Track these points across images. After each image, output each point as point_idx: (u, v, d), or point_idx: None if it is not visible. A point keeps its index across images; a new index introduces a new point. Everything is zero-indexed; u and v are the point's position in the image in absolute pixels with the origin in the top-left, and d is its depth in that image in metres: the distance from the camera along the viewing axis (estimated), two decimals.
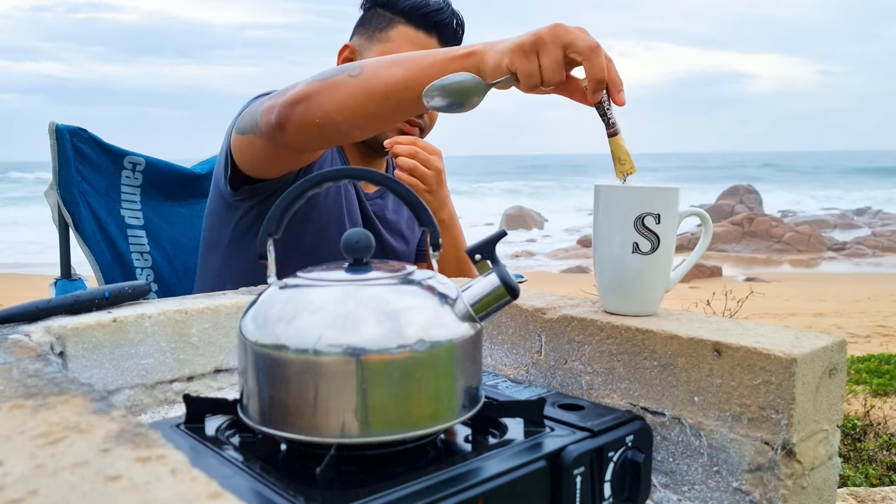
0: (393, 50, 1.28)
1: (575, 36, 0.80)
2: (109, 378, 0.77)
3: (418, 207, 0.60)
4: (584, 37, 0.80)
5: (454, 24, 1.31)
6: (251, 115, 1.08)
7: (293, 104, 0.98)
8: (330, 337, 0.53)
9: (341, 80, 0.96)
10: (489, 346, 0.87)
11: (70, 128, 1.33)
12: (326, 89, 0.96)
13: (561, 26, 0.81)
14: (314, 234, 1.24)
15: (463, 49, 0.89)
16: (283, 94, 1.01)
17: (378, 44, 1.30)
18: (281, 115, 0.99)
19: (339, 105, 0.95)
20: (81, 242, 1.35)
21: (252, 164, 1.14)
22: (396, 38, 1.29)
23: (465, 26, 1.34)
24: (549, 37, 0.81)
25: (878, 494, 1.56)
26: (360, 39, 1.34)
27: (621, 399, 0.73)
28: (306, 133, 1.00)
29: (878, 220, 18.53)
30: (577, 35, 0.80)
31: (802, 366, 0.61)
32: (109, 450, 0.39)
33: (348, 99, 0.95)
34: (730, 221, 15.36)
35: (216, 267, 1.28)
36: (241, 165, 1.15)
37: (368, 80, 0.94)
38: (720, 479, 0.66)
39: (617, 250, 0.76)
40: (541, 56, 0.81)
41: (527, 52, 0.81)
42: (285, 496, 0.50)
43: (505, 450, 0.58)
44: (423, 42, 1.29)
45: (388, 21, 1.30)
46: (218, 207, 1.27)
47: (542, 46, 0.81)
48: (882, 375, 3.14)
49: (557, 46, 0.80)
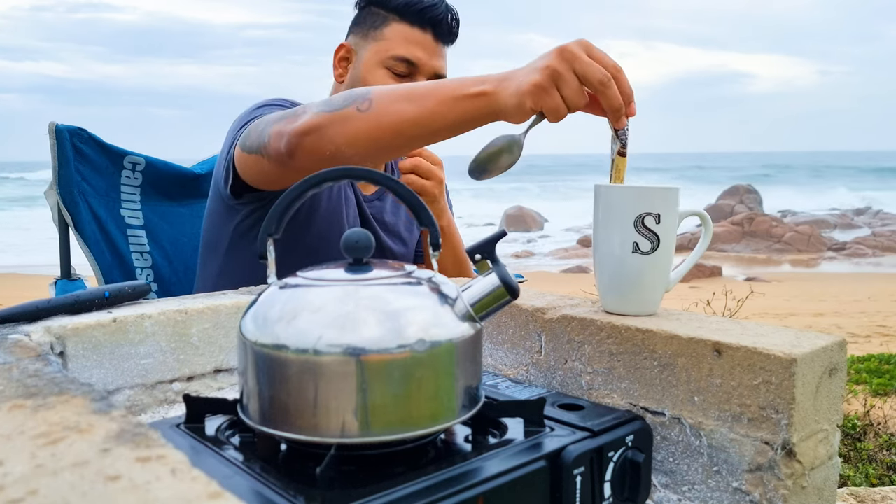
0: (389, 48, 1.28)
1: (585, 65, 0.80)
2: (109, 378, 0.77)
3: (418, 208, 0.60)
4: (593, 66, 0.81)
5: (449, 19, 1.31)
6: (258, 136, 1.06)
7: (302, 134, 0.97)
8: (330, 337, 0.53)
9: (350, 113, 0.95)
10: (489, 346, 0.87)
11: (70, 128, 1.33)
12: (336, 122, 0.95)
13: (567, 51, 0.81)
14: (315, 235, 1.24)
15: (473, 87, 0.88)
16: (293, 120, 1.00)
17: (373, 42, 1.30)
18: (290, 144, 0.99)
19: (349, 139, 0.95)
20: (81, 242, 1.35)
21: (258, 180, 1.14)
22: (391, 35, 1.29)
23: (460, 21, 1.33)
24: (562, 67, 0.81)
25: (878, 494, 1.56)
26: (355, 38, 1.34)
27: (621, 399, 0.73)
28: (317, 163, 0.99)
29: (878, 220, 18.53)
30: (586, 64, 0.81)
31: (802, 366, 0.61)
32: (109, 450, 0.39)
33: (358, 133, 0.94)
34: (730, 221, 15.37)
35: (216, 269, 1.28)
36: (246, 178, 1.15)
37: (378, 116, 0.93)
38: (720, 479, 0.66)
39: (617, 250, 0.76)
40: (561, 89, 0.82)
41: (546, 89, 0.82)
42: (285, 496, 0.50)
43: (505, 450, 0.58)
44: (419, 39, 1.28)
45: (383, 19, 1.30)
46: (218, 209, 1.27)
47: (559, 79, 0.82)
48: (882, 375, 3.14)
49: (572, 75, 0.81)
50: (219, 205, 1.26)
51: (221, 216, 1.26)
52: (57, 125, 1.32)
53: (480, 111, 0.88)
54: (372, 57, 1.30)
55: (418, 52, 1.28)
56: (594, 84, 0.81)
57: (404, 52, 1.28)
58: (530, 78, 0.82)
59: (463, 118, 0.89)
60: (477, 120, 0.90)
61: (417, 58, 1.28)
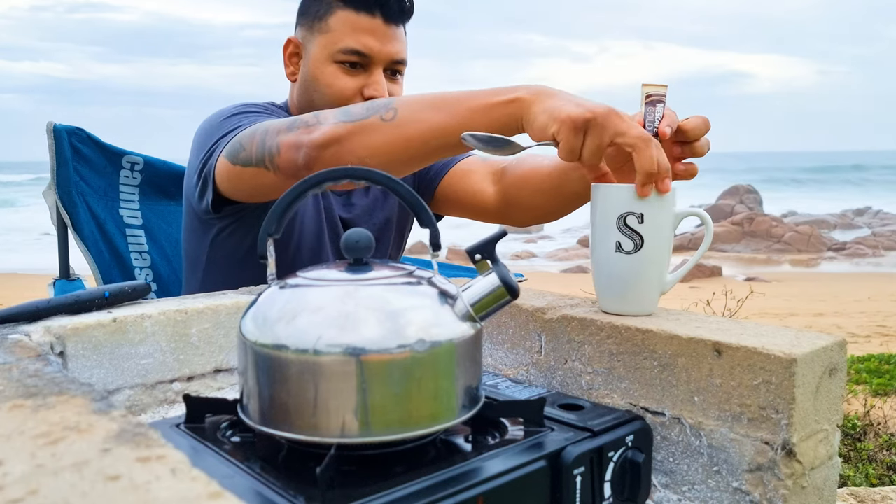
0: (336, 40, 1.18)
1: (628, 126, 0.76)
2: (109, 378, 0.77)
3: (418, 208, 0.60)
4: (637, 128, 0.76)
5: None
6: (259, 147, 0.99)
7: (322, 147, 0.92)
8: (330, 337, 0.53)
9: (373, 123, 0.90)
10: (489, 346, 0.87)
11: (68, 128, 1.33)
12: (358, 133, 0.91)
13: (615, 113, 0.77)
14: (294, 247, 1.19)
15: (507, 94, 0.84)
16: (308, 130, 0.94)
17: (319, 35, 1.20)
18: (310, 157, 0.93)
19: (374, 151, 0.90)
20: (80, 242, 1.35)
21: (250, 193, 1.07)
22: (337, 25, 1.18)
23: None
24: (602, 119, 0.77)
25: (878, 494, 1.56)
26: (302, 31, 1.24)
27: (621, 399, 0.73)
28: None
29: (878, 220, 18.54)
30: (629, 125, 0.76)
31: (802, 366, 0.61)
32: (109, 450, 0.39)
33: (384, 145, 0.90)
34: (730, 221, 15.37)
35: (197, 285, 1.23)
36: (230, 191, 1.07)
37: (404, 126, 0.89)
38: (720, 479, 0.66)
39: (602, 250, 0.77)
40: (588, 136, 0.77)
41: (577, 129, 0.77)
42: (285, 496, 0.50)
43: (505, 450, 0.58)
44: (367, 24, 1.18)
45: (326, 7, 1.19)
46: (193, 225, 1.21)
47: (593, 127, 0.77)
48: (882, 375, 3.14)
49: (607, 132, 0.77)
50: (193, 221, 1.21)
51: (197, 232, 1.21)
52: (55, 125, 1.32)
53: (511, 117, 0.84)
54: (320, 52, 1.20)
55: (369, 41, 1.18)
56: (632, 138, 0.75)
57: (353, 42, 1.17)
58: (569, 108, 0.78)
59: (492, 126, 0.85)
60: (506, 128, 0.85)
61: (369, 47, 1.18)
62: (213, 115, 1.16)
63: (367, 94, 1.18)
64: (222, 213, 1.14)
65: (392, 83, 1.23)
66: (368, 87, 1.19)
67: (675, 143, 0.86)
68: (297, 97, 1.26)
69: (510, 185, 1.22)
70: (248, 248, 1.17)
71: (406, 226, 1.40)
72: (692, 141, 0.85)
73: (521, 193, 1.19)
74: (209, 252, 1.20)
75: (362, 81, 1.19)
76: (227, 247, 1.18)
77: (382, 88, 1.19)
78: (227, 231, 1.17)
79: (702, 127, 0.85)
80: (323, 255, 1.24)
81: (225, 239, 1.18)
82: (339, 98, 1.18)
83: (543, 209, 1.18)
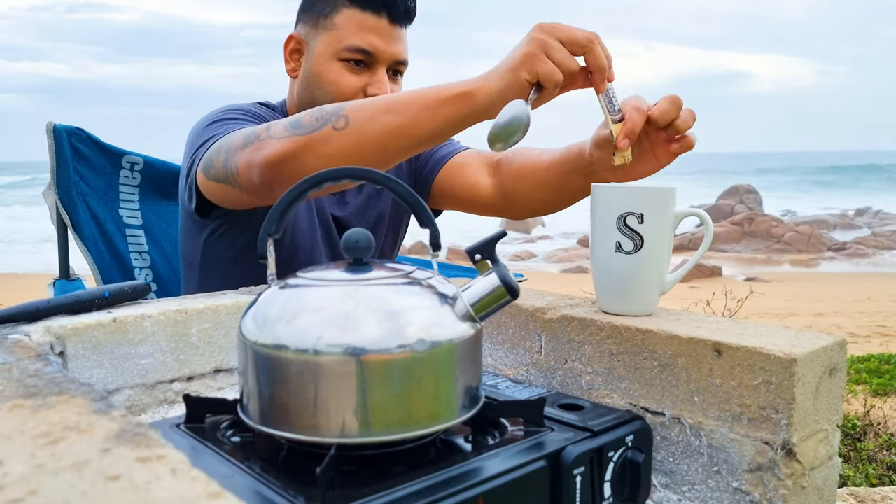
0: (342, 38, 1.18)
1: (566, 30, 0.82)
2: (109, 378, 0.77)
3: (418, 207, 0.60)
4: (575, 30, 0.82)
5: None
6: (223, 165, 0.99)
7: (275, 165, 0.91)
8: (330, 337, 0.53)
9: (326, 134, 0.89)
10: (489, 346, 0.87)
11: (68, 128, 1.33)
12: (312, 146, 0.89)
13: (545, 24, 0.82)
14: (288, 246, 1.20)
15: (455, 89, 0.86)
16: (259, 147, 0.92)
17: (324, 32, 1.20)
18: (265, 176, 0.92)
19: (331, 161, 0.88)
20: (80, 242, 1.35)
21: (230, 205, 1.08)
22: (343, 23, 1.18)
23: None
24: (545, 35, 0.82)
25: (878, 494, 1.56)
26: (304, 28, 1.24)
27: (621, 399, 0.73)
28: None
29: (878, 220, 18.54)
30: (567, 29, 0.82)
31: (802, 366, 0.61)
32: (109, 450, 0.39)
33: (340, 153, 0.89)
34: (730, 221, 15.37)
35: (195, 284, 1.24)
36: (213, 200, 1.08)
37: (359, 133, 0.88)
38: (720, 479, 0.66)
39: (602, 250, 0.77)
40: (550, 55, 0.82)
41: (537, 56, 0.82)
42: (285, 496, 0.50)
43: (505, 450, 0.58)
44: (373, 24, 1.18)
45: (332, 5, 1.19)
46: (188, 225, 1.22)
47: (546, 47, 0.82)
48: (882, 375, 3.14)
49: (557, 42, 0.82)
50: (187, 221, 1.21)
51: (191, 233, 1.21)
52: (55, 125, 1.32)
53: (465, 111, 0.86)
54: (325, 49, 1.20)
55: (374, 40, 1.18)
56: (580, 44, 0.82)
57: (359, 41, 1.18)
58: (519, 52, 0.83)
59: (447, 122, 0.87)
60: (463, 122, 0.87)
61: (374, 46, 1.18)
62: (201, 119, 1.16)
63: (370, 92, 1.19)
64: (211, 217, 1.15)
65: (393, 83, 1.24)
66: (372, 85, 1.19)
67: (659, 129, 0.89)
68: (298, 94, 1.26)
69: (508, 177, 1.22)
70: (240, 249, 1.18)
71: (401, 223, 1.40)
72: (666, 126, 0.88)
73: (519, 187, 1.20)
74: (203, 252, 1.21)
75: (366, 80, 1.20)
76: (220, 247, 1.19)
77: (386, 87, 1.20)
78: (218, 232, 1.18)
79: (671, 109, 0.87)
80: (316, 253, 1.24)
81: (217, 239, 1.19)
82: (342, 96, 1.18)
83: (542, 203, 1.19)
